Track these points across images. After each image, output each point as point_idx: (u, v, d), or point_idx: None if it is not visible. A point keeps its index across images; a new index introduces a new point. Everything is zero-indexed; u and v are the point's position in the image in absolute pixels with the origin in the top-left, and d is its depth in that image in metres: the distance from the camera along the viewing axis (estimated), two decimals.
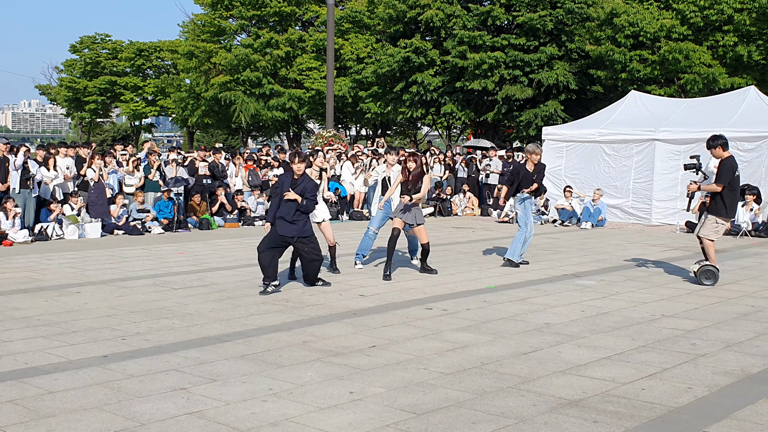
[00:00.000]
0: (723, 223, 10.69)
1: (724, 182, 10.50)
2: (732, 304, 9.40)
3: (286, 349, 7.06)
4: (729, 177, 10.48)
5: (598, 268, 12.38)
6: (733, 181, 10.54)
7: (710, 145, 10.74)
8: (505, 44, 30.63)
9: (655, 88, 26.97)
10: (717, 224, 10.66)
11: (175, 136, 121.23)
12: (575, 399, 5.66)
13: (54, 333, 7.68)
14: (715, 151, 10.70)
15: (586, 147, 21.51)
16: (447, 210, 23.64)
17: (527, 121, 30.69)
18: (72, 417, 5.22)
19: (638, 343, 7.36)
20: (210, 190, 20.29)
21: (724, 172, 10.53)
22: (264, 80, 40.11)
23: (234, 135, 56.80)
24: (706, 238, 10.68)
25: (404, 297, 9.76)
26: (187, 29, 47.16)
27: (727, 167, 10.53)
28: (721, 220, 10.64)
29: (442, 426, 5.09)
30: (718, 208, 10.62)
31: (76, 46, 56.10)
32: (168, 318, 8.44)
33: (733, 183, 10.53)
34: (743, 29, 26.50)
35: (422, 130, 54.33)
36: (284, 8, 41.32)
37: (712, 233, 10.67)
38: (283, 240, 10.11)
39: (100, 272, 11.84)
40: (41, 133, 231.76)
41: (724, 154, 10.65)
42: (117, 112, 63.49)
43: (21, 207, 16.28)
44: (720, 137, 10.75)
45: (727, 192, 10.55)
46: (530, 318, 8.50)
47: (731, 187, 10.53)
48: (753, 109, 19.91)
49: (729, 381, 6.15)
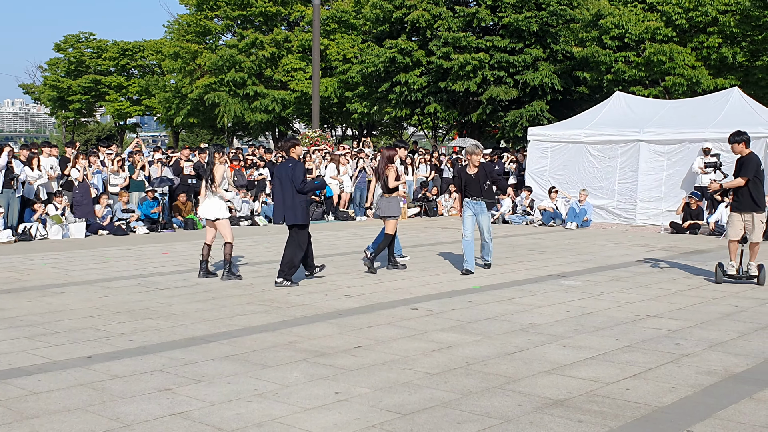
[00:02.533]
0: (763, 221, 10.64)
1: (749, 175, 10.41)
2: (716, 304, 9.45)
3: (272, 350, 7.05)
4: (754, 170, 10.43)
5: (583, 269, 12.42)
6: (759, 174, 10.52)
7: (733, 140, 10.66)
8: (490, 46, 30.69)
9: (639, 89, 27.08)
10: (762, 223, 10.60)
11: (160, 136, 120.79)
12: (560, 399, 5.68)
13: (37, 333, 7.64)
14: (737, 147, 10.62)
15: (571, 148, 21.59)
16: (433, 210, 23.66)
17: (512, 122, 30.77)
18: (56, 418, 5.19)
19: (623, 343, 7.39)
20: (195, 190, 20.21)
21: (749, 166, 10.44)
22: (248, 81, 40.02)
23: (219, 135, 56.64)
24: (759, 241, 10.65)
25: (390, 297, 9.76)
26: (172, 29, 47.00)
27: (753, 161, 10.48)
28: (762, 216, 10.59)
29: (427, 426, 5.09)
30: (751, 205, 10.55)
31: (60, 44, 55.80)
32: (153, 318, 8.41)
33: (759, 176, 10.52)
34: (727, 31, 26.65)
35: (408, 131, 54.35)
36: (270, 8, 41.25)
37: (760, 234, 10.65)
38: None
39: (84, 272, 11.78)
40: (25, 132, 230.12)
41: (746, 151, 10.60)
42: (101, 112, 63.23)
43: (4, 207, 16.17)
44: (744, 133, 10.66)
45: (753, 186, 10.51)
46: (515, 318, 8.52)
47: (758, 183, 10.53)
48: (736, 111, 20.04)
49: (713, 381, 6.18)
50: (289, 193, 10.50)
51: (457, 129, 36.72)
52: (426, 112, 33.33)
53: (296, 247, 10.64)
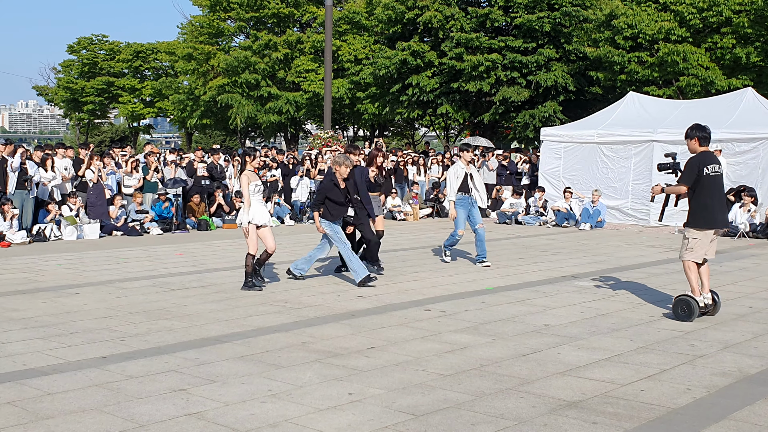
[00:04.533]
0: (696, 237, 8.47)
1: (686, 183, 8.46)
2: (730, 305, 9.40)
3: (285, 350, 7.06)
4: (692, 176, 8.41)
5: (597, 270, 12.39)
6: (703, 182, 8.41)
7: (688, 134, 8.65)
8: (503, 46, 30.65)
9: (653, 90, 26.99)
10: (687, 239, 8.56)
11: (174, 137, 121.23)
12: (574, 400, 5.66)
13: (52, 334, 7.68)
14: (689, 143, 8.63)
15: (585, 148, 21.53)
16: (445, 211, 23.62)
17: (525, 123, 30.72)
18: (71, 418, 5.22)
19: (637, 344, 7.37)
20: (208, 191, 20.29)
21: (686, 171, 8.51)
22: (262, 82, 40.10)
23: (232, 136, 56.78)
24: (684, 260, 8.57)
25: (402, 298, 9.76)
26: (186, 31, 47.14)
27: (690, 165, 8.49)
28: (695, 233, 8.50)
29: (441, 427, 5.09)
30: (690, 218, 8.60)
31: (73, 46, 56.02)
32: (167, 319, 8.43)
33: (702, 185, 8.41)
34: (741, 31, 26.53)
35: (420, 131, 54.34)
36: (282, 10, 41.31)
37: (684, 251, 8.58)
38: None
39: (99, 273, 11.83)
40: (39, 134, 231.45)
41: (698, 149, 8.57)
42: (115, 113, 63.44)
43: (19, 208, 16.26)
44: (702, 128, 8.61)
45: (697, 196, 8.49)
46: (529, 319, 8.50)
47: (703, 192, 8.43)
48: (750, 111, 19.94)
49: (727, 382, 6.15)
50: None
51: (469, 129, 36.67)
52: (438, 113, 33.32)
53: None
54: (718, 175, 8.54)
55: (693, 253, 8.47)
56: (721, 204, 8.65)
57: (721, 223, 8.61)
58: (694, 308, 8.40)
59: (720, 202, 8.60)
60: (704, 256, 8.53)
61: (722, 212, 8.65)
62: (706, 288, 8.63)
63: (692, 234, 8.52)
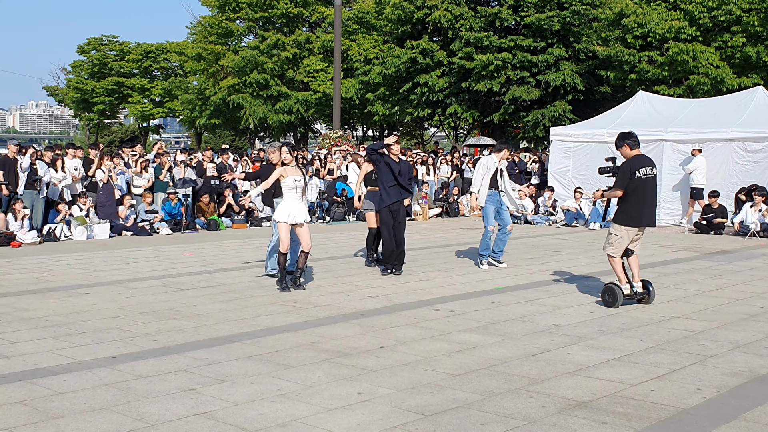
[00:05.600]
0: (619, 234, 9.13)
1: (620, 187, 9.04)
2: (741, 304, 9.36)
3: (294, 350, 7.06)
4: (625, 180, 9.00)
5: (606, 269, 12.33)
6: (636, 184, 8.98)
7: (617, 144, 9.29)
8: (512, 45, 30.61)
9: (663, 89, 26.90)
10: (611, 234, 9.20)
11: (183, 137, 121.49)
12: (584, 400, 5.65)
13: (62, 334, 7.70)
14: (622, 150, 9.20)
15: (594, 147, 21.47)
16: (454, 211, 23.63)
17: (534, 122, 30.67)
18: (81, 418, 5.23)
19: (647, 344, 7.34)
20: (218, 191, 20.32)
21: (619, 176, 9.12)
22: (271, 82, 40.15)
23: (241, 136, 56.91)
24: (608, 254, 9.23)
25: (411, 298, 9.75)
26: (195, 31, 47.25)
27: (622, 170, 9.10)
28: (619, 230, 9.14)
29: (450, 427, 5.08)
30: (617, 214, 9.24)
31: (83, 47, 56.24)
32: (176, 319, 8.45)
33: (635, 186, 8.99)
34: (751, 30, 26.41)
35: (429, 131, 54.32)
36: (291, 10, 41.37)
37: (606, 245, 9.25)
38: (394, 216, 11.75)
39: (109, 273, 11.86)
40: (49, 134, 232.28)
41: (630, 153, 9.17)
42: (125, 114, 63.64)
43: (29, 208, 16.33)
44: (628, 135, 9.22)
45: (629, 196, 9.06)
46: (538, 319, 8.49)
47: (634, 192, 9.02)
48: (761, 109, 19.86)
49: (738, 382, 6.12)
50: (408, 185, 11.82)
51: (478, 129, 36.64)
52: (447, 113, 33.30)
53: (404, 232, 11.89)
54: (651, 177, 9.10)
55: (613, 247, 9.18)
56: (651, 204, 9.23)
57: (647, 222, 9.24)
58: (618, 296, 9.08)
59: (650, 203, 9.21)
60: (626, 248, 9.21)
61: (650, 212, 9.22)
62: (637, 278, 9.29)
63: (616, 230, 9.17)
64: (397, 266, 11.69)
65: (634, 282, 9.29)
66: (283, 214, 10.13)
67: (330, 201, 21.99)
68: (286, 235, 10.14)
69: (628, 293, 9.21)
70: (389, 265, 11.71)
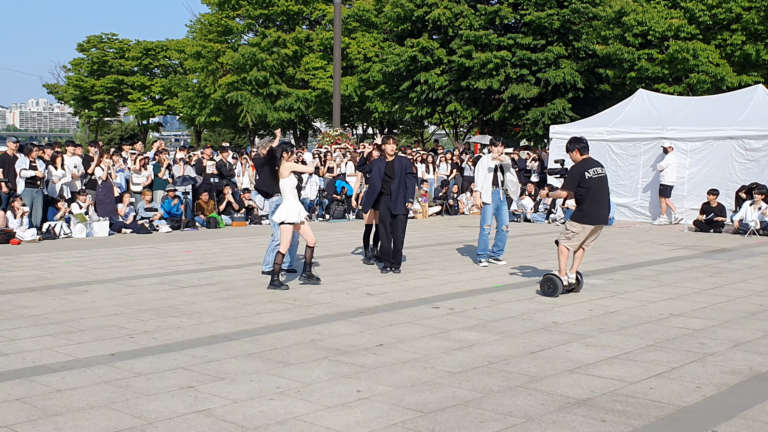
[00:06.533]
0: (576, 231, 9.68)
1: (568, 188, 9.76)
2: (740, 303, 9.36)
3: (294, 348, 7.06)
4: (574, 183, 9.62)
5: (605, 267, 12.36)
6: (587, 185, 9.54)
7: (568, 148, 9.89)
8: (512, 43, 30.59)
9: (663, 87, 26.87)
10: (569, 230, 9.72)
11: (183, 135, 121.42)
12: (583, 398, 5.65)
13: (62, 331, 7.70)
14: (572, 155, 9.81)
15: (594, 146, 21.29)
16: (454, 209, 23.62)
17: (534, 120, 30.66)
18: (79, 415, 5.23)
19: (646, 342, 7.34)
20: (217, 189, 20.31)
21: (568, 179, 9.74)
22: (271, 80, 40.13)
23: (241, 134, 56.89)
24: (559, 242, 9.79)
25: (411, 296, 9.75)
26: (195, 29, 47.22)
27: (571, 174, 9.71)
28: (577, 227, 9.67)
29: (449, 425, 5.08)
30: (576, 213, 9.80)
31: (83, 45, 56.20)
32: (176, 316, 8.45)
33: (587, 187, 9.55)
34: (752, 28, 26.37)
35: (429, 129, 54.30)
36: (291, 7, 41.34)
37: (563, 239, 9.75)
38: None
39: (108, 271, 11.86)
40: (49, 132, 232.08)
41: (579, 158, 9.74)
42: (124, 111, 63.60)
43: (29, 206, 16.32)
44: (579, 140, 9.83)
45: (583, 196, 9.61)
46: (538, 317, 8.49)
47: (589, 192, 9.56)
48: (761, 107, 19.85)
49: (738, 380, 6.12)
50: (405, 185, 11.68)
51: (478, 127, 36.62)
52: (447, 111, 33.29)
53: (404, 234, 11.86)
54: (602, 177, 9.67)
55: (570, 242, 9.71)
56: (603, 203, 9.73)
57: (601, 220, 9.76)
58: (558, 285, 9.61)
59: (602, 201, 9.70)
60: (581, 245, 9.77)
61: (603, 210, 9.76)
62: (574, 269, 9.85)
63: (574, 227, 9.69)
64: (395, 265, 11.69)
65: (570, 273, 9.82)
66: (293, 214, 10.16)
67: (330, 199, 21.99)
68: (291, 235, 10.22)
69: (567, 284, 9.75)
70: (388, 263, 11.72)
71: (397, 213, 11.70)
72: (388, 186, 11.69)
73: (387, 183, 11.71)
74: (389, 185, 11.68)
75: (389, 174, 11.70)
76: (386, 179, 11.72)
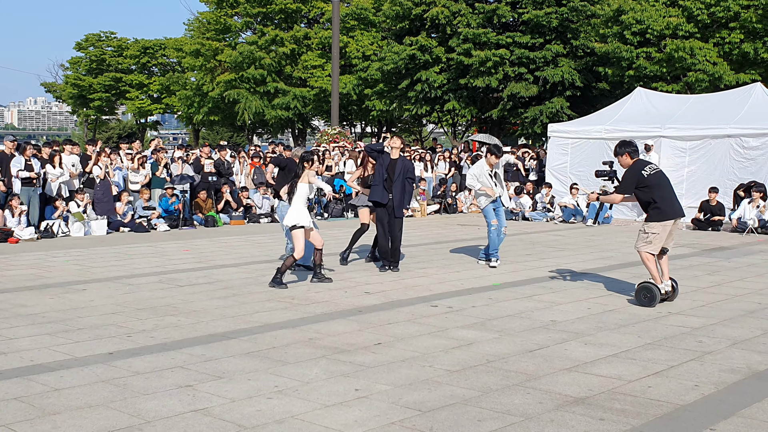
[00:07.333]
0: (656, 232, 9.05)
1: (626, 191, 9.23)
2: (739, 301, 9.36)
3: (292, 347, 7.05)
4: (632, 184, 9.11)
5: (604, 266, 12.36)
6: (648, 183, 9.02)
7: (617, 152, 9.34)
8: (510, 42, 30.59)
9: (661, 85, 26.88)
10: (647, 233, 9.10)
11: (181, 134, 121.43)
12: (581, 396, 5.65)
13: (59, 330, 7.69)
14: (622, 159, 9.27)
15: (592, 144, 21.47)
16: (452, 207, 23.62)
17: (532, 118, 30.67)
18: (77, 414, 5.22)
19: (645, 340, 7.34)
20: (215, 188, 20.30)
21: (624, 182, 9.20)
22: (268, 78, 40.11)
23: (239, 132, 56.84)
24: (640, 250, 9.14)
25: (409, 294, 9.75)
26: (193, 27, 47.16)
27: (627, 177, 9.16)
28: (656, 227, 9.06)
29: (447, 423, 5.08)
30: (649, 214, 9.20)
31: (81, 43, 56.11)
32: (173, 315, 8.44)
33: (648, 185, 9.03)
34: (749, 26, 26.39)
35: (427, 128, 54.28)
36: (290, 5, 41.30)
37: (642, 244, 9.13)
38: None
39: (106, 269, 11.85)
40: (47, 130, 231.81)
41: (630, 161, 9.22)
42: (122, 110, 63.53)
43: (26, 204, 16.30)
44: (628, 144, 9.36)
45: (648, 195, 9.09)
46: (536, 315, 8.49)
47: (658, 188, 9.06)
48: (759, 106, 19.86)
49: (736, 378, 6.12)
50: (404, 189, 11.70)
51: (476, 126, 36.62)
52: (446, 110, 33.28)
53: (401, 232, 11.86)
54: (659, 171, 9.23)
55: (652, 245, 9.06)
56: (673, 195, 9.27)
57: (679, 213, 9.19)
58: (656, 294, 8.96)
59: (672, 194, 9.24)
60: (663, 246, 9.15)
61: (677, 202, 9.26)
62: (666, 275, 9.21)
63: (652, 229, 9.07)
64: (393, 263, 11.69)
65: (664, 280, 9.15)
66: (304, 218, 10.24)
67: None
68: (303, 239, 10.26)
69: (664, 292, 9.06)
70: (386, 262, 11.72)
71: (396, 215, 11.72)
72: (389, 186, 11.66)
73: (387, 183, 11.68)
74: (389, 186, 11.66)
75: (390, 174, 11.64)
76: (386, 179, 11.68)
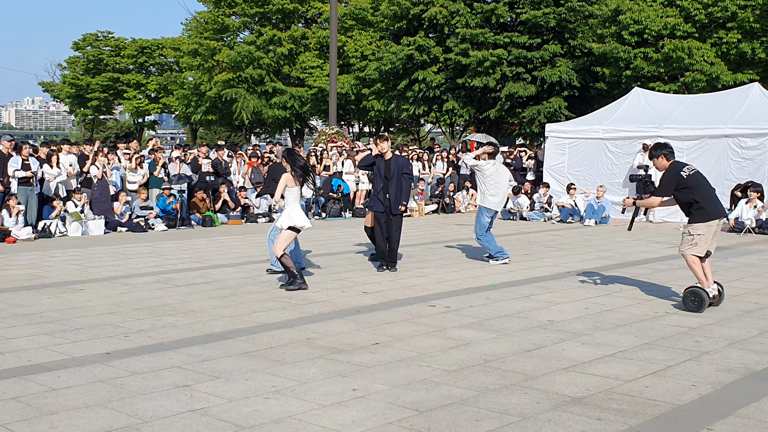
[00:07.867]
0: (701, 233, 8.76)
1: (665, 194, 8.97)
2: (736, 301, 9.37)
3: (289, 347, 7.05)
4: (671, 186, 8.85)
5: (601, 265, 12.36)
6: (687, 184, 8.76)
7: (653, 155, 9.13)
8: (508, 42, 30.60)
9: (659, 85, 26.90)
10: (692, 235, 8.83)
11: (179, 133, 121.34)
12: (579, 396, 5.65)
13: (57, 330, 7.68)
14: (658, 161, 9.06)
15: (590, 144, 21.48)
16: (450, 207, 23.61)
17: (530, 118, 30.68)
18: (75, 414, 5.22)
19: (642, 340, 7.35)
20: (213, 187, 20.29)
21: (663, 184, 8.93)
22: (266, 78, 40.10)
23: (237, 132, 56.83)
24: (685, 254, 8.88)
25: (407, 294, 9.75)
26: (190, 27, 47.17)
27: (666, 178, 8.91)
28: (700, 228, 8.78)
29: (445, 423, 5.08)
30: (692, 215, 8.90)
31: (79, 43, 56.09)
32: (171, 315, 8.44)
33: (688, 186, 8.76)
34: (747, 26, 26.42)
35: (425, 128, 54.30)
36: (287, 5, 41.32)
37: (687, 247, 8.86)
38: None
39: (103, 269, 11.84)
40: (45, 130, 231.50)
41: (666, 163, 8.99)
42: (120, 110, 63.50)
43: (24, 204, 16.28)
44: (664, 146, 9.13)
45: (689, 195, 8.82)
46: (534, 315, 8.49)
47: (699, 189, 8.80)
48: (756, 106, 19.88)
49: (733, 378, 6.13)
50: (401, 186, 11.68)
51: (474, 126, 36.64)
52: (444, 109, 33.29)
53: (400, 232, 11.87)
54: (697, 171, 8.97)
55: (697, 247, 8.77)
56: (714, 194, 9.03)
57: (722, 213, 8.95)
58: (704, 299, 8.69)
59: (713, 193, 9.00)
60: (707, 249, 8.83)
61: (719, 202, 9.03)
62: (711, 279, 8.91)
63: (697, 230, 8.80)
64: (391, 263, 11.70)
65: (710, 284, 8.87)
66: (304, 221, 10.08)
67: (326, 197, 21.97)
68: (291, 239, 10.14)
69: (711, 296, 8.81)
70: (384, 262, 11.73)
71: (393, 213, 11.74)
72: (386, 185, 11.69)
73: (384, 182, 11.72)
74: (386, 185, 11.70)
75: (386, 174, 11.71)
76: (384, 179, 11.73)
